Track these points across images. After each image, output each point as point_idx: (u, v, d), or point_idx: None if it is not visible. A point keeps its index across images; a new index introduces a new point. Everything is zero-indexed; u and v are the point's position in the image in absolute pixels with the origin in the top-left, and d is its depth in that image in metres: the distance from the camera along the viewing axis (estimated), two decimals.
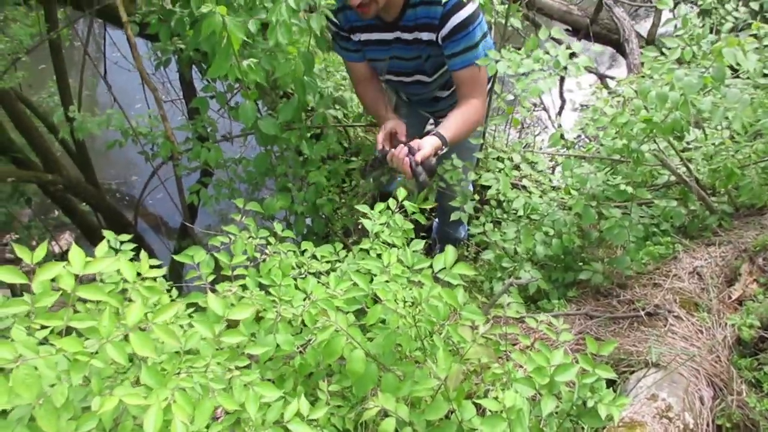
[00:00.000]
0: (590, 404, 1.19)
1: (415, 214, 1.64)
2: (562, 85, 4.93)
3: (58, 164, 3.45)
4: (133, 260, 1.30)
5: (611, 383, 1.66)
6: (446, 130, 2.02)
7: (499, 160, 2.18)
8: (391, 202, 1.62)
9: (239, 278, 1.43)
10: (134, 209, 4.03)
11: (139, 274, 1.11)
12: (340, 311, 1.25)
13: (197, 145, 2.49)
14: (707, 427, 1.55)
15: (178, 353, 1.01)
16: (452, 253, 1.21)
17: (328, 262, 1.62)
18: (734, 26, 2.14)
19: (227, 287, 1.33)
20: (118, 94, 4.05)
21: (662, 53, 1.88)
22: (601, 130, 2.08)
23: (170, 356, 0.99)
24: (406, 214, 1.64)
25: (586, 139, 3.73)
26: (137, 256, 1.35)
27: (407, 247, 1.46)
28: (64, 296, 0.91)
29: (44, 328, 0.91)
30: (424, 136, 2.05)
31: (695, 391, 1.59)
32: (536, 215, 2.16)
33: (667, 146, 2.26)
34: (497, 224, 2.25)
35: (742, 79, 1.93)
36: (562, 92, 5.00)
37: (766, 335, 1.75)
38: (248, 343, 1.14)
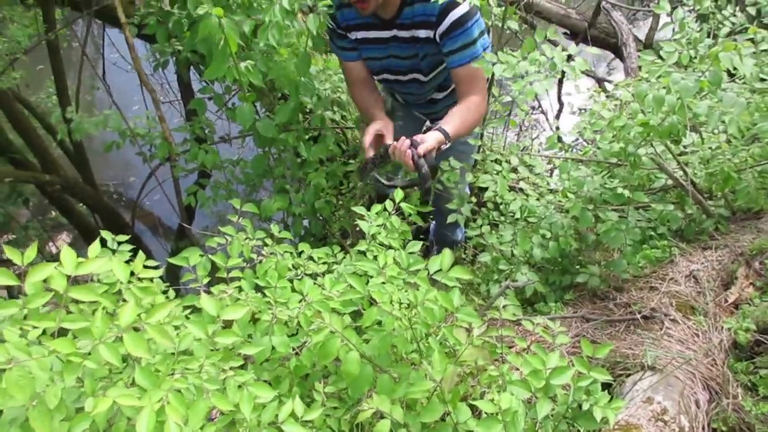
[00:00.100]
0: (585, 407, 1.19)
1: (411, 215, 1.64)
2: (560, 88, 4.94)
3: (55, 165, 3.45)
4: (130, 261, 1.30)
5: (607, 386, 1.67)
6: (448, 125, 2.00)
7: (496, 162, 2.19)
8: (388, 203, 1.62)
9: (235, 280, 1.43)
10: (131, 210, 4.03)
11: (133, 274, 1.11)
12: (335, 313, 1.25)
13: (195, 146, 2.49)
14: (703, 430, 1.55)
15: (172, 354, 1.01)
16: (448, 255, 1.21)
17: (324, 263, 1.62)
18: (731, 30, 2.15)
19: (223, 289, 1.32)
20: (116, 94, 4.06)
21: (660, 57, 1.88)
22: (598, 133, 2.09)
23: (164, 357, 0.99)
24: (403, 216, 1.64)
25: (584, 142, 3.74)
26: (135, 257, 1.35)
27: (404, 248, 1.46)
28: (56, 297, 0.91)
29: (36, 329, 0.91)
30: None
31: (691, 394, 1.59)
32: (533, 218, 2.16)
33: (664, 150, 2.27)
34: (494, 227, 2.25)
35: (738, 83, 1.93)
36: (560, 96, 5.01)
37: (762, 339, 1.75)
38: (243, 343, 1.14)
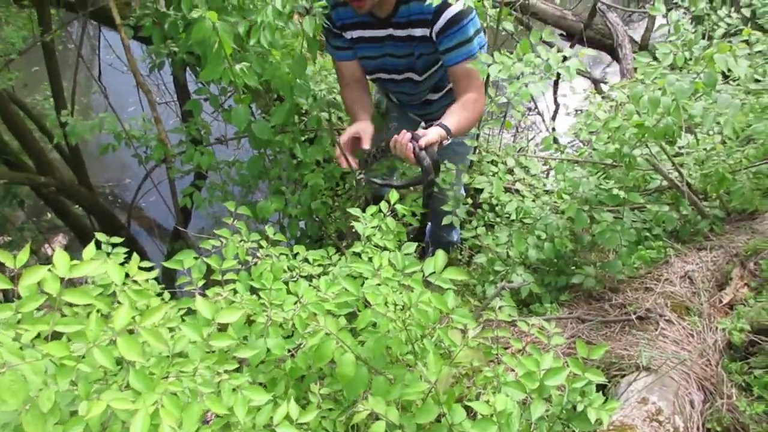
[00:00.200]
0: (580, 408, 1.20)
1: (406, 216, 1.64)
2: (556, 89, 4.95)
3: (51, 166, 3.44)
4: (125, 263, 1.30)
5: (602, 387, 1.67)
6: (449, 121, 2.00)
7: (492, 163, 2.19)
8: (383, 205, 1.62)
9: (230, 282, 1.43)
10: (127, 211, 4.02)
11: (128, 276, 1.11)
12: (331, 315, 1.25)
13: (191, 148, 2.48)
14: (697, 430, 1.55)
15: (167, 357, 1.00)
16: (442, 257, 1.21)
17: (320, 265, 1.62)
18: (726, 32, 2.16)
19: (218, 291, 1.32)
20: (112, 96, 4.05)
21: (655, 58, 1.89)
22: (593, 134, 2.09)
23: (158, 360, 0.99)
24: (397, 217, 1.64)
25: (580, 143, 3.75)
26: (130, 258, 1.35)
27: (399, 250, 1.46)
28: (50, 300, 0.90)
29: (29, 332, 0.91)
30: None
31: (686, 394, 1.60)
32: (529, 219, 2.17)
33: (659, 151, 2.27)
34: (490, 228, 2.25)
35: (732, 84, 1.94)
36: (556, 97, 5.02)
37: (756, 339, 1.75)
38: (238, 346, 1.14)
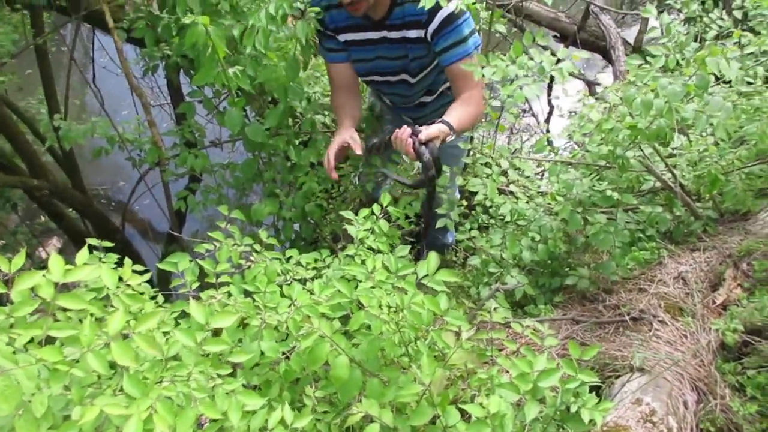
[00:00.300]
0: (574, 409, 1.20)
1: (399, 219, 1.65)
2: (549, 91, 4.97)
3: (44, 169, 3.42)
4: (120, 266, 1.29)
5: (596, 388, 1.68)
6: (451, 118, 1.99)
7: (486, 165, 2.19)
8: (375, 207, 1.62)
9: (224, 285, 1.43)
10: (122, 214, 4.01)
11: (122, 280, 1.10)
12: (325, 317, 1.25)
13: (184, 150, 2.48)
14: (691, 431, 1.56)
15: (161, 361, 1.00)
16: (435, 259, 1.22)
17: (314, 268, 1.62)
18: (719, 33, 2.17)
19: (212, 294, 1.32)
20: (106, 98, 4.04)
21: (646, 61, 1.90)
22: (587, 136, 2.10)
23: (152, 364, 0.99)
24: (390, 219, 1.65)
25: (575, 145, 3.76)
26: (123, 262, 1.35)
27: (392, 252, 1.46)
28: (44, 305, 0.90)
29: (22, 337, 0.90)
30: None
31: (679, 395, 1.61)
32: (523, 221, 2.17)
33: (652, 152, 2.28)
34: (485, 230, 2.26)
35: (724, 86, 1.95)
36: (550, 99, 5.05)
37: (749, 340, 1.76)
38: (232, 350, 1.14)
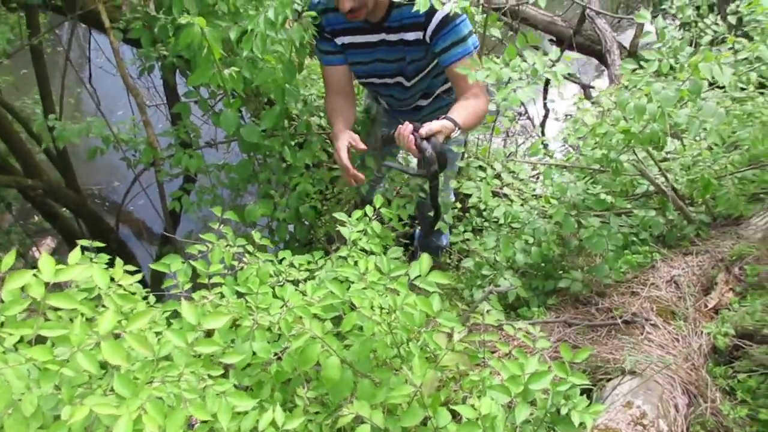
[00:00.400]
0: (564, 411, 1.21)
1: (392, 221, 1.65)
2: (545, 95, 4.99)
3: (38, 169, 3.42)
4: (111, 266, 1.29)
5: (588, 391, 1.68)
6: (456, 115, 1.98)
7: (480, 169, 2.20)
8: (368, 209, 1.62)
9: (217, 286, 1.43)
10: (116, 215, 4.00)
11: (113, 279, 1.10)
12: (317, 318, 1.25)
13: (179, 151, 2.48)
14: None
15: (152, 361, 1.00)
16: (427, 261, 1.22)
17: (307, 270, 1.62)
18: (713, 39, 2.19)
19: (203, 295, 1.32)
20: (102, 99, 4.03)
21: (640, 66, 1.91)
22: (581, 139, 2.11)
23: (143, 365, 0.99)
24: (383, 221, 1.65)
25: (570, 148, 3.78)
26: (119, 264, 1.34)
27: (385, 254, 1.46)
28: (35, 304, 0.90)
29: (12, 336, 0.90)
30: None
31: (670, 398, 1.61)
32: (517, 224, 2.18)
33: (646, 156, 2.30)
34: (479, 232, 2.26)
35: (718, 90, 1.96)
36: (545, 102, 5.07)
37: (740, 344, 1.77)
38: (224, 351, 1.14)
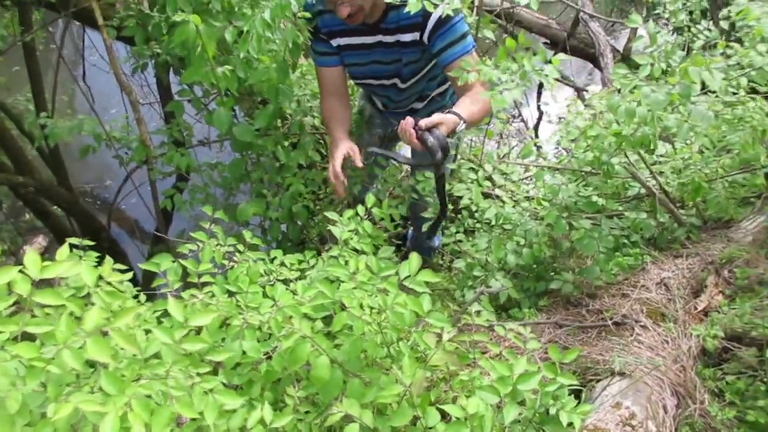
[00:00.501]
0: (553, 411, 1.21)
1: (383, 220, 1.65)
2: (539, 97, 5.02)
3: (29, 166, 3.40)
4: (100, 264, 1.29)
5: (578, 391, 1.69)
6: (460, 109, 1.95)
7: (472, 171, 2.21)
8: (360, 208, 1.62)
9: (207, 285, 1.43)
10: (108, 213, 3.98)
11: (102, 278, 1.10)
12: (307, 318, 1.25)
13: (172, 149, 2.48)
14: None
15: (138, 359, 1.00)
16: (416, 260, 1.22)
17: (298, 269, 1.62)
18: (706, 43, 2.20)
19: (193, 294, 1.32)
20: (96, 96, 4.02)
21: (631, 69, 1.92)
22: (574, 142, 2.12)
23: (130, 362, 0.98)
24: (374, 221, 1.65)
25: (563, 151, 3.80)
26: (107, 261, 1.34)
27: (376, 254, 1.47)
28: (21, 301, 0.90)
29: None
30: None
31: (659, 399, 1.62)
32: (509, 225, 2.19)
33: (637, 159, 2.31)
34: (471, 233, 2.27)
35: (711, 95, 1.98)
36: (539, 105, 5.10)
37: (729, 346, 1.78)
38: (212, 349, 1.14)
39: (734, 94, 2.01)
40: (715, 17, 2.38)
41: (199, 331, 1.21)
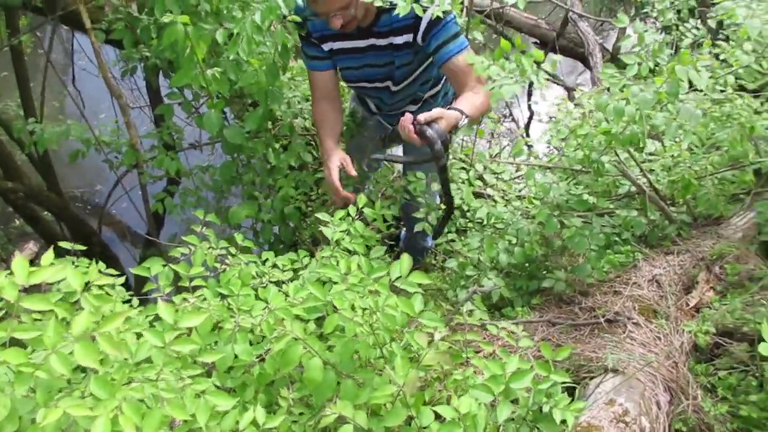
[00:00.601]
0: (546, 409, 1.21)
1: (376, 221, 1.65)
2: (529, 97, 5.05)
3: (18, 172, 3.37)
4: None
5: (572, 389, 1.69)
6: (461, 105, 1.94)
7: (464, 170, 2.21)
8: (351, 209, 1.62)
9: (199, 289, 1.42)
10: (98, 218, 3.96)
11: (89, 283, 1.09)
12: (299, 320, 1.25)
13: (162, 153, 2.47)
14: (664, 431, 1.58)
15: (129, 363, 0.99)
16: (408, 260, 1.22)
17: (291, 270, 1.61)
18: (694, 42, 2.22)
19: (185, 297, 1.31)
20: (86, 100, 3.99)
21: (618, 69, 1.93)
22: (563, 141, 2.13)
23: (120, 366, 0.98)
24: (366, 222, 1.65)
25: (554, 149, 3.81)
26: (95, 266, 1.33)
27: (368, 255, 1.46)
28: (8, 307, 0.89)
29: None
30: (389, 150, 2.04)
31: (652, 396, 1.63)
32: (500, 224, 2.19)
33: (627, 157, 2.32)
34: (463, 233, 2.27)
35: (699, 93, 1.99)
36: (530, 104, 5.12)
37: (721, 341, 1.80)
38: (202, 351, 1.13)
39: (722, 91, 2.03)
40: (702, 16, 2.39)
41: (190, 333, 1.20)
